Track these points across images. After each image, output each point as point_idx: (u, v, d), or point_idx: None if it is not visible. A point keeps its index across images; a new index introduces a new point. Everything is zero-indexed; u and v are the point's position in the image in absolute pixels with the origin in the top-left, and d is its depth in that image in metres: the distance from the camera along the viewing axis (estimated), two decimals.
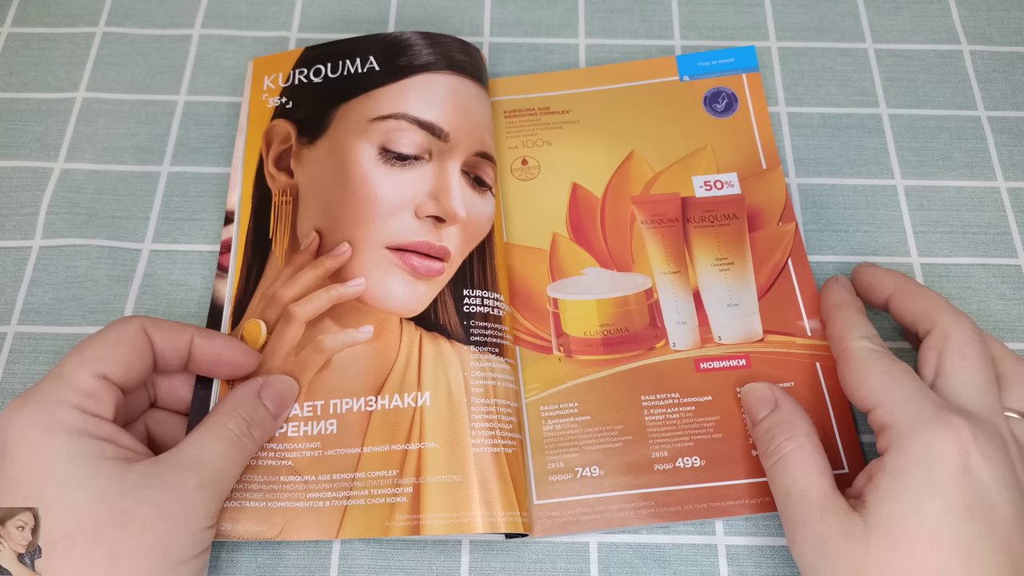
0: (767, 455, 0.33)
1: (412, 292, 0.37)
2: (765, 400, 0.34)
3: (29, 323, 0.40)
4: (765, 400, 0.34)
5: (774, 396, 0.34)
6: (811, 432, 0.32)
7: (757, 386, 0.35)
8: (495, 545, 0.35)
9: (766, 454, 0.33)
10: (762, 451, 0.33)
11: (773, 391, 0.34)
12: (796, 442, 0.32)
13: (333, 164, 0.39)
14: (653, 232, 0.41)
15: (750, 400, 0.35)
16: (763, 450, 0.33)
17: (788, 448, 0.32)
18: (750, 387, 0.35)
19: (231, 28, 0.48)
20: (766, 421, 0.33)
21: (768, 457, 0.32)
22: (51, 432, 0.28)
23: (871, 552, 0.28)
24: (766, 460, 0.33)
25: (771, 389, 0.34)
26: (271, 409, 0.34)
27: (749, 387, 0.35)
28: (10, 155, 0.44)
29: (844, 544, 0.29)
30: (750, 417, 0.35)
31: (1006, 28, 0.48)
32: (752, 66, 0.45)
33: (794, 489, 0.31)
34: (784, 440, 0.32)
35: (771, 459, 0.32)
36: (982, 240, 0.42)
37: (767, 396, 0.34)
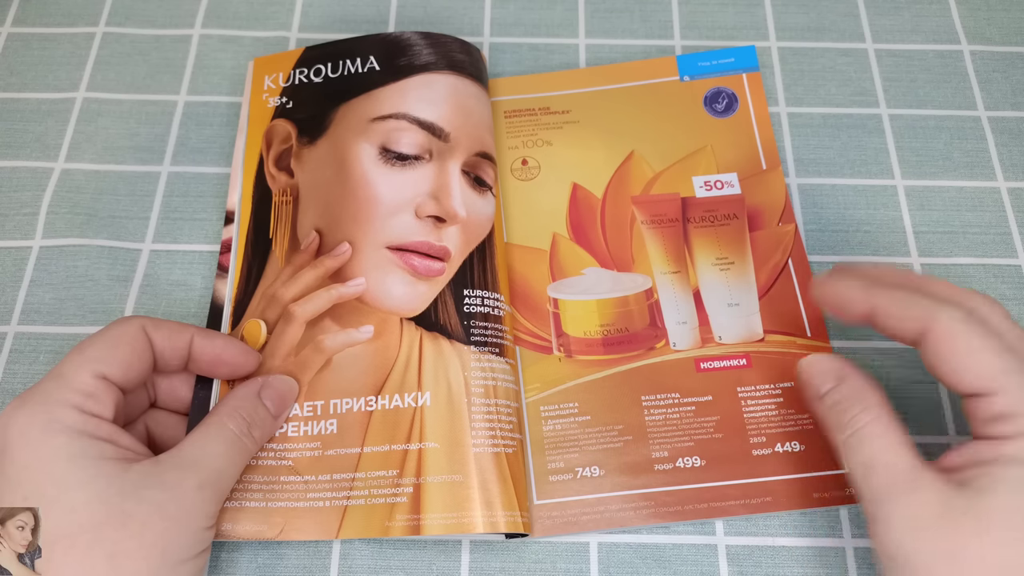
0: (839, 428, 0.30)
1: (412, 292, 0.37)
2: (828, 373, 0.32)
3: (29, 323, 0.40)
4: (828, 373, 0.32)
5: (839, 368, 0.32)
6: (884, 403, 0.30)
7: (818, 358, 0.33)
8: (495, 545, 0.35)
9: (838, 427, 0.30)
10: (831, 425, 0.31)
11: (836, 362, 0.32)
12: (872, 414, 0.30)
13: (333, 164, 0.39)
14: (653, 232, 0.41)
15: (811, 373, 0.32)
16: (833, 424, 0.31)
17: (864, 420, 0.30)
18: (811, 360, 0.33)
19: (231, 28, 0.48)
20: (832, 394, 0.31)
21: (840, 431, 0.30)
22: (51, 432, 0.28)
23: (981, 536, 0.26)
24: (838, 434, 0.30)
25: (834, 360, 0.32)
26: (271, 409, 0.34)
27: (809, 360, 0.33)
28: (10, 155, 0.44)
29: (943, 522, 0.27)
30: (811, 391, 0.32)
31: (1006, 28, 0.48)
32: (752, 66, 0.45)
33: (877, 462, 0.29)
34: (858, 412, 0.30)
35: (844, 432, 0.30)
36: (982, 240, 0.42)
37: (832, 368, 0.32)
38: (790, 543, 0.35)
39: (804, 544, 0.35)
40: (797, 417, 0.37)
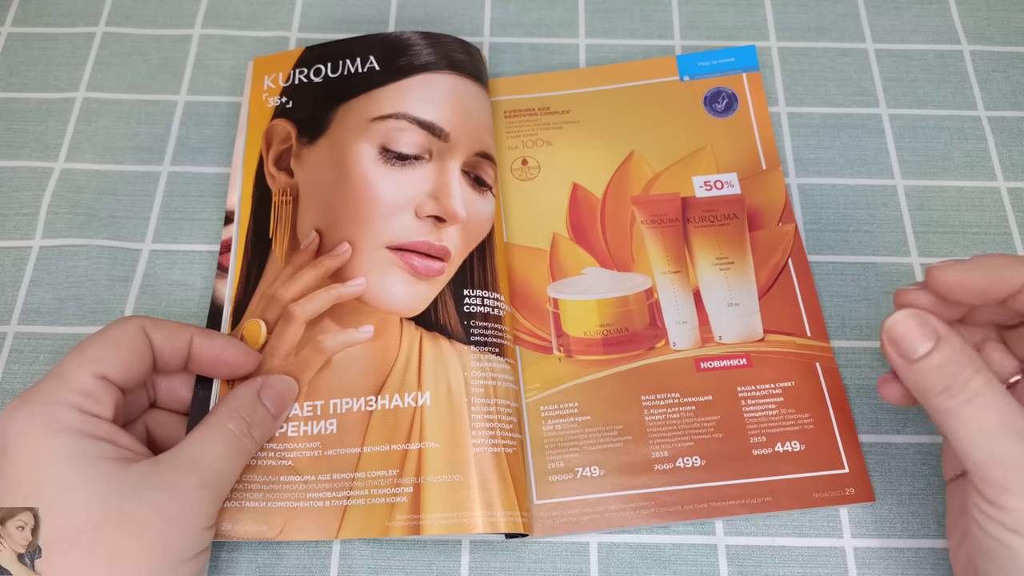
0: (951, 394, 0.28)
1: (412, 292, 0.37)
2: (925, 331, 0.29)
3: (29, 323, 0.40)
4: (925, 331, 0.29)
5: (935, 326, 0.29)
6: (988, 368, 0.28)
7: (907, 315, 0.29)
8: (495, 545, 0.35)
9: (949, 393, 0.28)
10: (938, 391, 0.28)
11: (930, 319, 0.29)
12: (985, 377, 0.28)
13: (333, 164, 0.39)
14: (653, 232, 0.41)
15: (903, 331, 0.29)
16: (941, 389, 0.28)
17: (979, 383, 0.28)
18: (898, 317, 0.29)
19: (231, 28, 0.48)
20: (936, 355, 0.28)
21: (952, 396, 0.28)
22: (51, 432, 0.28)
23: None
24: (949, 399, 0.28)
25: (926, 317, 0.29)
26: (271, 409, 0.34)
27: (896, 318, 0.29)
28: (10, 155, 0.44)
29: None
30: (904, 352, 0.29)
31: (1006, 28, 0.48)
32: (752, 66, 0.45)
33: (1007, 428, 0.27)
34: (971, 374, 0.28)
35: (958, 398, 0.28)
36: (982, 240, 0.42)
37: (927, 326, 0.29)
38: (790, 543, 0.35)
39: (804, 544, 0.35)
40: (797, 417, 0.37)
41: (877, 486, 0.36)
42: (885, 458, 0.37)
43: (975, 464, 0.27)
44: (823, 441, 0.36)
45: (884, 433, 0.37)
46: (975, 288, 0.30)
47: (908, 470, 0.36)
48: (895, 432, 0.37)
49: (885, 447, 0.37)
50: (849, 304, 0.40)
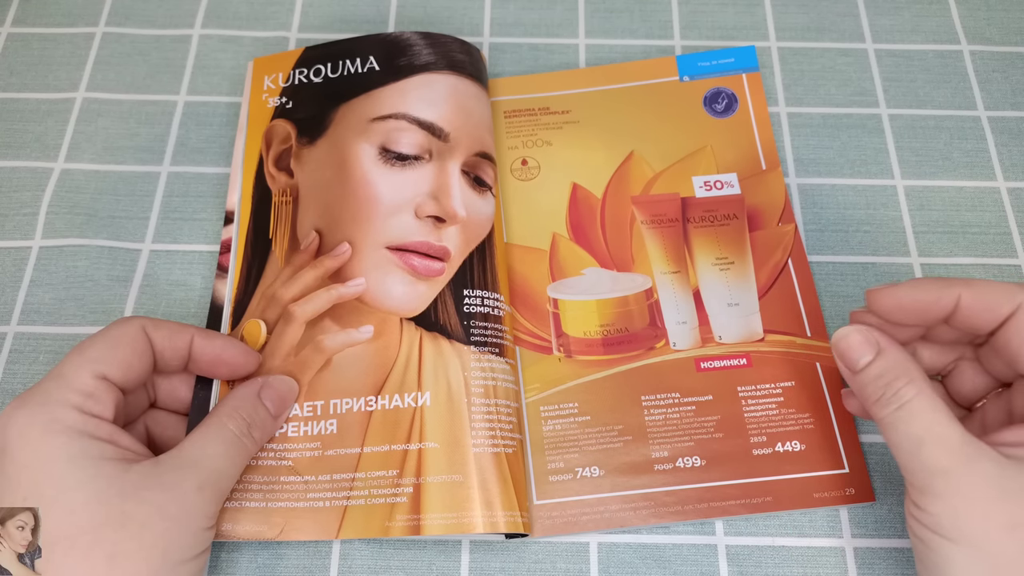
0: (883, 403, 0.30)
1: (412, 292, 0.37)
2: (866, 344, 0.31)
3: (29, 323, 0.40)
4: (866, 344, 0.31)
5: (875, 340, 0.31)
6: (926, 376, 0.30)
7: (853, 330, 0.31)
8: (495, 545, 0.35)
9: (882, 402, 0.30)
10: (874, 400, 0.30)
11: (872, 334, 0.31)
12: (916, 386, 0.29)
13: (333, 164, 0.39)
14: (653, 232, 0.41)
15: (847, 345, 0.31)
16: (876, 398, 0.30)
17: (910, 393, 0.29)
18: (845, 331, 0.31)
19: (231, 28, 0.48)
20: (873, 367, 0.30)
21: (885, 405, 0.30)
22: (51, 432, 0.28)
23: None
24: (882, 408, 0.30)
25: (870, 332, 0.31)
26: (271, 409, 0.34)
27: (844, 331, 0.32)
28: (10, 155, 0.44)
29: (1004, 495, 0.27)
30: (848, 364, 0.31)
31: (1006, 28, 0.48)
32: (752, 66, 0.45)
33: (928, 436, 0.28)
34: (903, 385, 0.29)
35: (889, 407, 0.29)
36: (982, 240, 0.42)
37: (868, 340, 0.31)
38: (790, 543, 0.35)
39: (804, 544, 0.35)
40: (797, 416, 0.37)
41: (877, 486, 0.36)
42: (885, 458, 0.37)
43: (902, 468, 0.29)
44: (823, 441, 0.36)
45: None
46: (911, 308, 0.31)
47: None
48: None
49: (885, 447, 0.37)
50: (849, 304, 0.40)
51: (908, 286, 0.31)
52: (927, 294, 0.31)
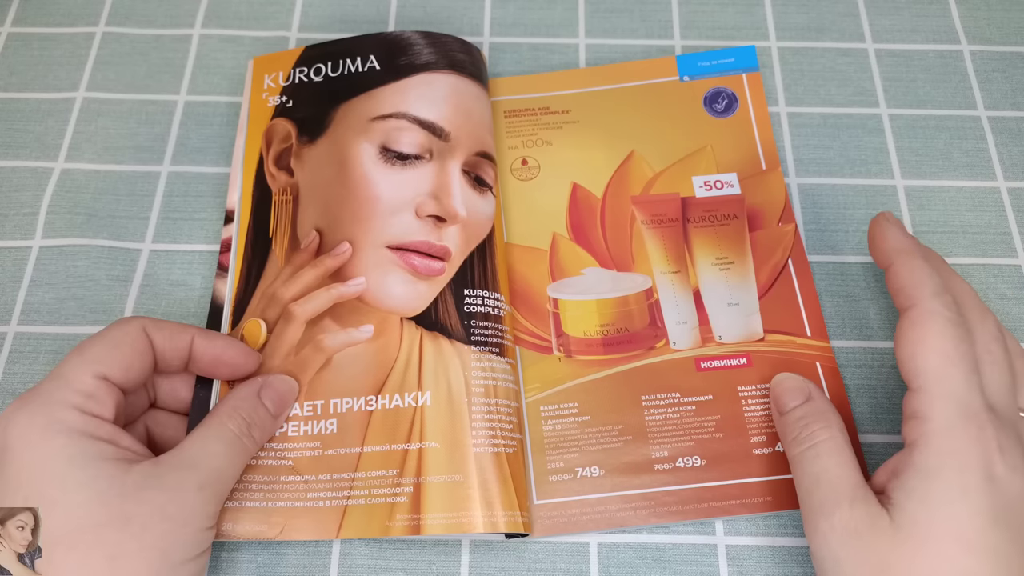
0: (797, 441, 0.32)
1: (412, 292, 0.37)
2: (798, 391, 0.34)
3: (29, 323, 0.40)
4: (798, 391, 0.34)
5: (807, 388, 0.34)
6: (843, 428, 0.32)
7: (790, 376, 0.35)
8: (495, 545, 0.35)
9: (797, 440, 0.32)
10: (791, 438, 0.33)
11: (807, 384, 0.34)
12: (830, 431, 0.31)
13: (333, 163, 0.39)
14: (653, 232, 0.41)
15: (782, 389, 0.34)
16: (793, 437, 0.32)
17: (822, 436, 0.31)
18: (782, 376, 0.35)
19: (231, 28, 0.48)
20: (799, 410, 0.33)
21: (799, 444, 0.32)
22: (51, 433, 0.28)
23: (898, 548, 0.28)
24: (796, 447, 0.32)
25: (805, 382, 0.34)
26: (271, 409, 0.34)
27: (781, 376, 0.35)
28: (10, 155, 0.44)
29: (872, 536, 0.28)
30: (778, 406, 0.34)
31: (1006, 28, 0.48)
32: (752, 66, 0.45)
33: (825, 476, 0.30)
34: (818, 428, 0.32)
35: (802, 445, 0.32)
36: (982, 240, 0.42)
37: (800, 387, 0.34)
38: (790, 543, 0.35)
39: (804, 544, 0.35)
40: None
41: None
42: (885, 458, 0.36)
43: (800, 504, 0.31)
44: None
45: (884, 433, 0.37)
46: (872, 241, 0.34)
47: None
48: (895, 432, 0.37)
49: (885, 447, 0.37)
50: (849, 304, 0.40)
51: (889, 230, 0.33)
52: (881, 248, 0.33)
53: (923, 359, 0.30)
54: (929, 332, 0.30)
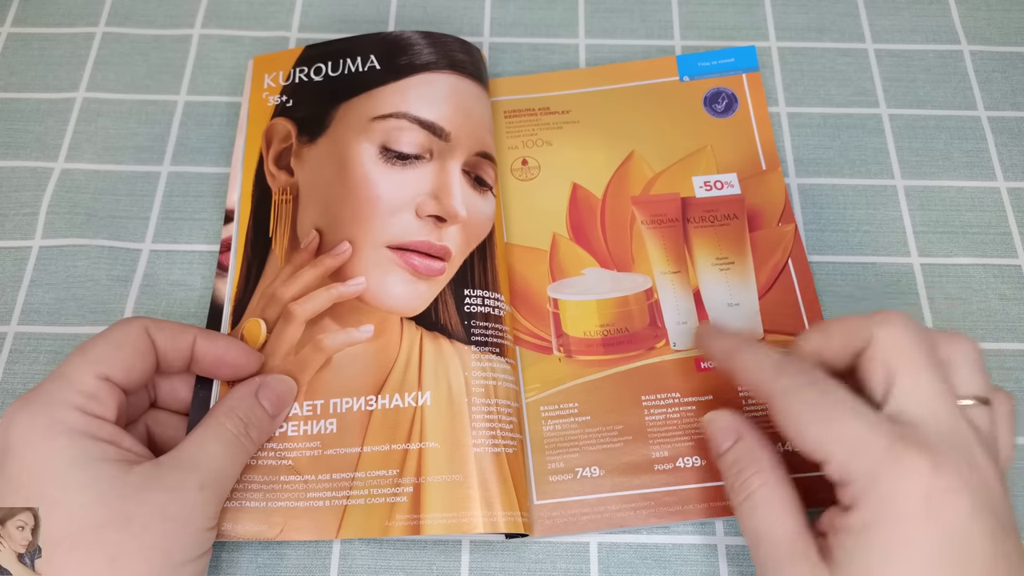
0: (734, 492, 0.31)
1: (412, 291, 0.37)
2: (728, 431, 0.32)
3: (29, 323, 0.40)
4: (728, 431, 0.32)
5: (736, 426, 0.32)
6: (776, 464, 0.31)
7: (719, 415, 0.33)
8: (495, 545, 0.35)
9: (733, 490, 0.31)
10: (729, 487, 0.31)
11: (736, 420, 0.32)
12: (762, 477, 0.30)
13: (333, 163, 0.39)
14: (653, 232, 0.41)
15: (712, 431, 0.33)
16: (730, 486, 0.31)
17: (755, 485, 0.30)
18: (712, 416, 0.33)
19: (231, 28, 0.48)
20: (730, 453, 0.32)
21: (736, 494, 0.31)
22: (53, 433, 0.28)
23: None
24: (734, 497, 0.31)
25: (733, 418, 0.32)
26: (268, 409, 0.34)
27: (711, 416, 0.33)
28: (10, 155, 0.44)
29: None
30: (712, 449, 0.33)
31: (1006, 28, 0.48)
32: (752, 66, 0.45)
33: (762, 531, 0.29)
34: (751, 475, 0.30)
35: (739, 496, 0.31)
36: (982, 240, 0.42)
37: (729, 426, 0.32)
38: None
39: None
40: None
41: None
42: None
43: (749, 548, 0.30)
44: None
45: None
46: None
47: None
48: None
49: None
50: (849, 304, 0.40)
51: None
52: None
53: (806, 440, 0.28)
54: (791, 413, 0.29)
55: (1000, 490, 0.28)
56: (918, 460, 0.26)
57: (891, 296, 0.40)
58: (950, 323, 0.40)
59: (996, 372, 0.39)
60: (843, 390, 0.29)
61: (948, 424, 0.28)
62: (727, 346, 0.33)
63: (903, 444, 0.27)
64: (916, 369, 0.28)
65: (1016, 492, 0.36)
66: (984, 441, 0.28)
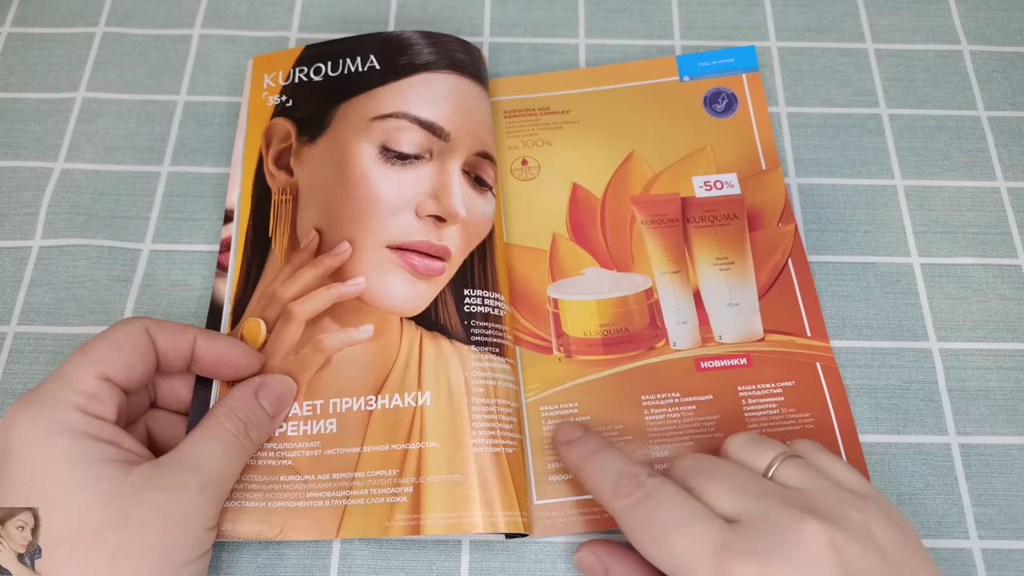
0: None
1: (412, 291, 0.37)
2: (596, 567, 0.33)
3: (29, 323, 0.40)
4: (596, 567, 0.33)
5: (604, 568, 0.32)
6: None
7: (586, 553, 0.33)
8: (495, 545, 0.35)
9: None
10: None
11: (606, 557, 0.32)
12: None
13: (333, 163, 0.39)
14: (653, 232, 0.41)
15: (583, 568, 0.34)
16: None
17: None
18: (580, 555, 0.34)
19: (231, 28, 0.48)
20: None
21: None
22: (53, 434, 0.28)
23: None
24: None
25: (605, 552, 0.33)
26: (268, 409, 0.34)
27: (579, 555, 0.34)
28: (10, 155, 0.44)
29: None
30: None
31: (1006, 28, 0.48)
32: (752, 66, 0.45)
33: None
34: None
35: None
36: (982, 240, 0.42)
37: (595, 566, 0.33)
38: None
39: None
40: (797, 416, 0.37)
41: (877, 486, 0.36)
42: (885, 458, 0.37)
43: None
44: (823, 441, 0.36)
45: (884, 433, 0.37)
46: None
47: (908, 470, 0.37)
48: (895, 432, 0.37)
49: (885, 447, 0.37)
50: (849, 304, 0.40)
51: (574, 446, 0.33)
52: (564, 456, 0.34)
53: (652, 556, 0.28)
54: (634, 530, 0.29)
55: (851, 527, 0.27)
56: (743, 569, 0.26)
57: (891, 296, 0.40)
58: (950, 323, 0.40)
59: (996, 372, 0.39)
60: (676, 498, 0.29)
61: (760, 502, 0.28)
62: (572, 459, 0.33)
63: (728, 555, 0.26)
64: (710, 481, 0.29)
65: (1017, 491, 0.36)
66: (802, 497, 0.28)
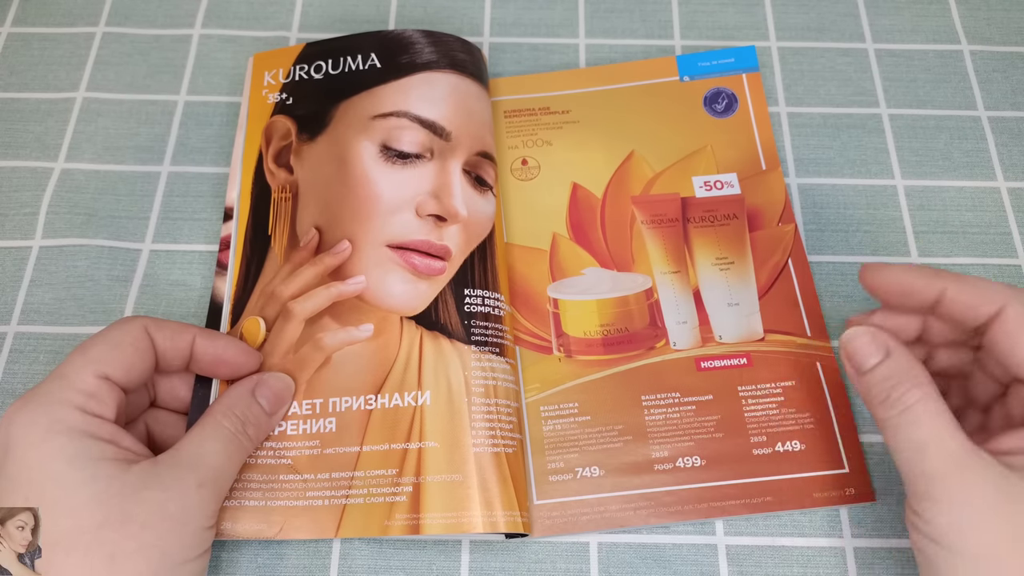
0: (889, 405, 0.29)
1: (412, 291, 0.37)
2: (876, 346, 0.31)
3: (29, 323, 0.40)
4: (876, 346, 0.31)
5: (884, 341, 0.31)
6: (932, 381, 0.30)
7: (862, 331, 0.31)
8: (495, 545, 0.35)
9: (887, 404, 0.29)
10: (877, 400, 0.30)
11: (881, 335, 0.31)
12: (922, 391, 0.29)
13: (333, 161, 0.39)
14: (653, 232, 0.41)
15: (856, 346, 0.31)
16: (881, 400, 0.30)
17: (915, 397, 0.29)
18: (853, 332, 0.31)
19: (231, 28, 0.48)
20: (882, 368, 0.30)
21: (890, 407, 0.29)
22: (53, 433, 0.28)
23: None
24: (887, 410, 0.29)
25: (879, 334, 0.31)
26: (265, 407, 0.34)
27: (852, 333, 0.31)
28: (10, 155, 0.44)
29: (1002, 504, 0.27)
30: (856, 365, 0.31)
31: (1006, 28, 0.48)
32: (752, 66, 0.45)
33: (930, 442, 0.28)
34: (908, 389, 0.29)
35: (894, 409, 0.29)
36: (982, 240, 0.42)
37: (877, 342, 0.31)
38: (790, 543, 0.35)
39: (804, 544, 0.35)
40: (798, 416, 0.37)
41: (877, 486, 0.36)
42: (885, 458, 0.37)
43: (903, 473, 0.29)
44: (823, 441, 0.36)
45: None
46: (896, 289, 0.32)
47: None
48: None
49: (885, 447, 0.37)
50: (849, 304, 0.40)
51: (900, 269, 0.32)
52: (915, 279, 0.31)
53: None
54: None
55: None
56: None
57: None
58: None
59: None
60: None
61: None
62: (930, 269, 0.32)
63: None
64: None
65: None
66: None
